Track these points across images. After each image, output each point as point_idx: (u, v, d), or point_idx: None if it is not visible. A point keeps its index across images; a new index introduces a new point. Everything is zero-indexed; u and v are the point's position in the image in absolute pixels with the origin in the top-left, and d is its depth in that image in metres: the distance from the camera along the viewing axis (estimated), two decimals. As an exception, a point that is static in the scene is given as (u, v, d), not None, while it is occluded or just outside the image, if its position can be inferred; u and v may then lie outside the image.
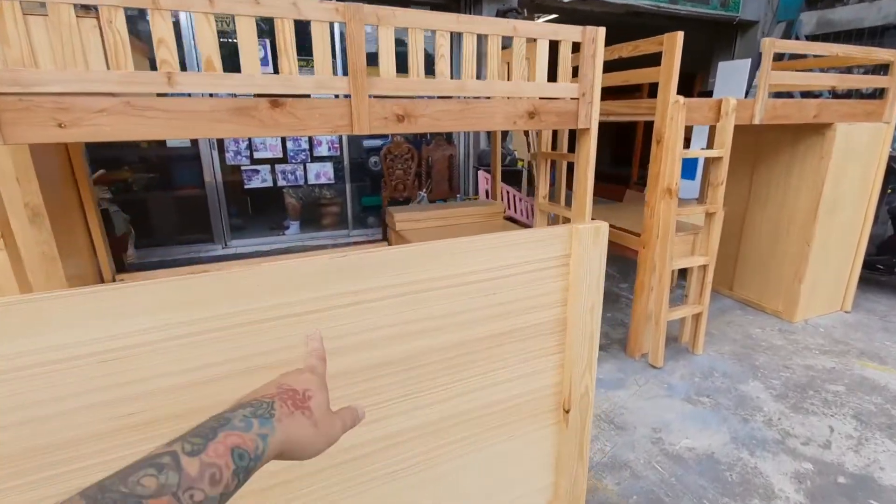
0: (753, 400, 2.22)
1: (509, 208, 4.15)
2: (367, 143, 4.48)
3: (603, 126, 2.17)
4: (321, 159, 4.25)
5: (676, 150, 2.21)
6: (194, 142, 3.77)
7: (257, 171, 4.07)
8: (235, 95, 1.49)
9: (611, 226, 2.70)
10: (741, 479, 1.77)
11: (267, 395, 0.41)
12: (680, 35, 2.10)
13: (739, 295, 3.32)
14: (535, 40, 1.87)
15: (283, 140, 4.05)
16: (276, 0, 1.43)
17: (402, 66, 1.66)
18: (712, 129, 2.37)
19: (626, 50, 2.42)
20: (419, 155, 4.21)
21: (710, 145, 2.37)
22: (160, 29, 1.33)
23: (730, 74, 5.09)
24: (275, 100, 1.51)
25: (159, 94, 1.42)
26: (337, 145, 4.25)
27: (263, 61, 3.62)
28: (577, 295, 1.13)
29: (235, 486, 0.34)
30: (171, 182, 3.99)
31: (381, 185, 4.24)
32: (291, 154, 4.12)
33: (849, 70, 4.17)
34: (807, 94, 4.04)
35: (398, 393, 1.04)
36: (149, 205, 3.95)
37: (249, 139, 3.92)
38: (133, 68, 1.33)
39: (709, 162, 2.43)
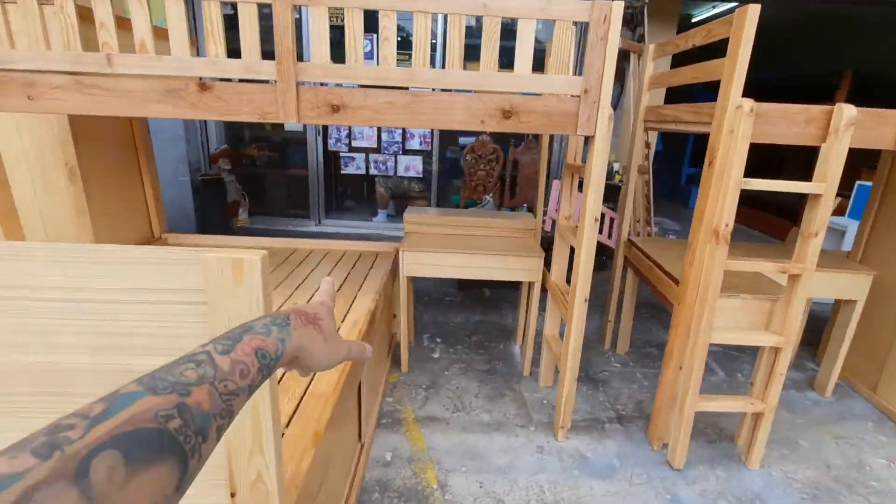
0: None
1: (601, 232, 3.56)
2: (462, 141, 4.35)
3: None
4: (412, 152, 4.29)
5: (732, 177, 1.54)
6: (305, 127, 4.19)
7: (353, 159, 4.32)
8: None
9: (654, 263, 2.08)
10: None
11: (282, 312, 0.47)
12: (754, 9, 1.44)
13: (883, 402, 2.22)
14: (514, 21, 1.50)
15: (379, 131, 4.20)
16: (204, -19, 1.43)
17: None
18: (815, 152, 1.58)
19: (699, 36, 1.78)
20: (505, 156, 3.89)
21: (808, 176, 1.59)
22: (101, 13, 1.46)
23: None
24: (203, 82, 1.53)
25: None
26: (428, 140, 4.22)
27: (368, 55, 3.77)
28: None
29: (260, 379, 0.39)
30: (285, 162, 4.53)
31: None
32: (385, 145, 4.26)
33: None
34: None
35: None
36: (265, 179, 4.56)
37: (349, 128, 4.18)
38: (81, 50, 1.49)
39: (806, 201, 1.62)
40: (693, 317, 1.72)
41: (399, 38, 1.55)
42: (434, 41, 4.00)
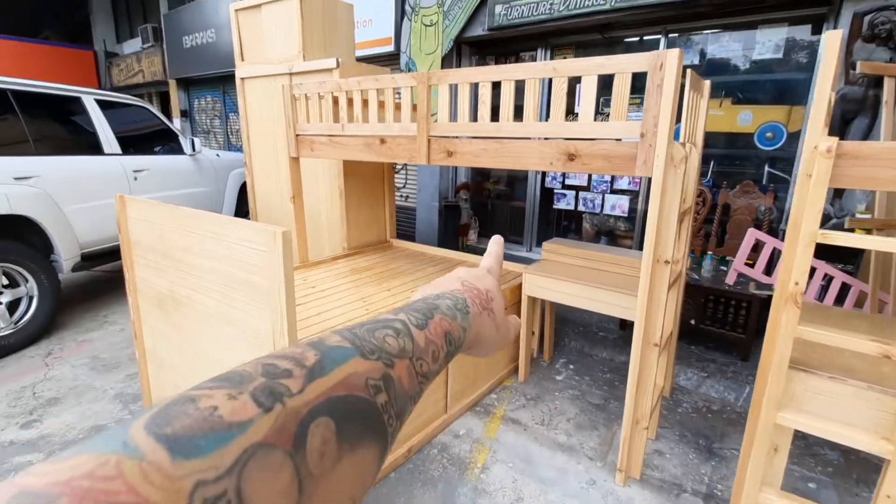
0: None
1: (821, 298, 2.82)
2: (679, 181, 4.09)
3: None
4: (620, 192, 4.32)
5: (806, 231, 1.32)
6: (529, 166, 4.84)
7: (565, 195, 4.68)
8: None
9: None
10: None
11: (456, 290, 0.42)
12: (836, 35, 1.24)
13: None
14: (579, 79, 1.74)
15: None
16: (385, 80, 2.27)
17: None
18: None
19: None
20: (714, 200, 3.50)
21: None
22: (341, 101, 2.49)
23: None
24: (382, 138, 2.38)
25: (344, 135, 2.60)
26: (637, 181, 4.17)
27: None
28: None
29: (439, 368, 0.34)
30: (512, 195, 5.27)
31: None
32: (595, 184, 4.45)
33: None
34: None
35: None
36: (495, 209, 5.41)
37: (565, 167, 4.58)
38: (331, 122, 2.57)
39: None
40: (762, 393, 1.47)
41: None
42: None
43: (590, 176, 4.48)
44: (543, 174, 4.78)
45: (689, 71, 1.90)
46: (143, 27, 9.42)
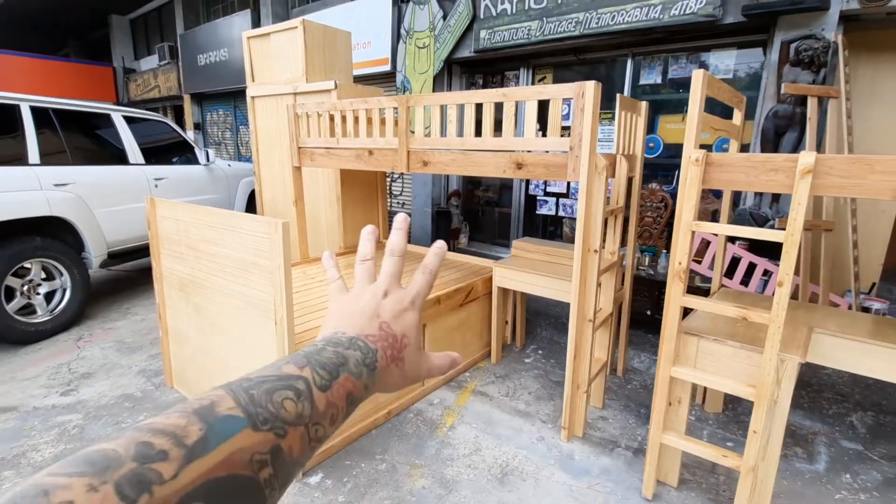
0: None
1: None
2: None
3: None
4: (595, 198, 4.70)
5: (685, 221, 1.71)
6: (514, 175, 5.24)
7: (546, 201, 5.08)
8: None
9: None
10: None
11: (370, 336, 0.40)
12: (699, 74, 1.63)
13: None
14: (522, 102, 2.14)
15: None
16: (372, 102, 2.69)
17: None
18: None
19: None
20: (674, 204, 3.87)
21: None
22: (335, 119, 2.92)
23: None
24: (370, 150, 2.80)
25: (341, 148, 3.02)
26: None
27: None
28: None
29: (333, 431, 0.34)
30: (499, 202, 5.67)
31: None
32: (573, 191, 4.84)
33: None
34: None
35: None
36: (483, 214, 5.82)
37: (546, 176, 4.98)
38: (328, 136, 2.99)
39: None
40: (662, 351, 1.84)
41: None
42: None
43: (568, 184, 4.87)
44: (527, 183, 5.18)
45: (618, 95, 2.31)
46: (161, 46, 10.02)
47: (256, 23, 7.54)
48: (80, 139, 3.86)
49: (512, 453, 2.20)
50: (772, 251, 3.29)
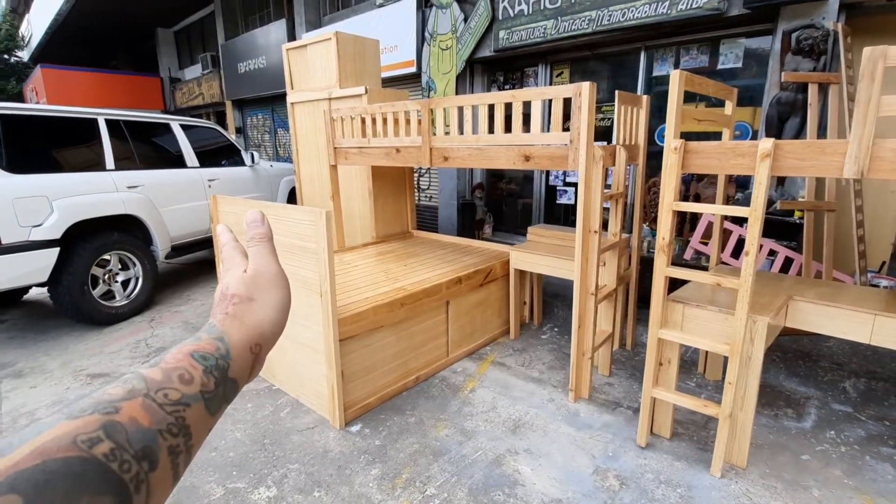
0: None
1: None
2: (664, 176, 4.64)
3: None
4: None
5: (666, 202, 1.96)
6: (535, 167, 5.49)
7: (566, 191, 5.31)
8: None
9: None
10: None
11: (215, 315, 0.41)
12: (677, 74, 1.88)
13: None
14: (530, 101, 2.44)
15: (586, 169, 5.04)
16: (398, 105, 3.03)
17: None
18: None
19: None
20: (686, 191, 4.04)
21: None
22: (367, 122, 3.28)
23: None
24: (398, 148, 3.14)
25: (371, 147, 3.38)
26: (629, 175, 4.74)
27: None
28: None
29: (214, 384, 0.33)
30: (522, 193, 5.93)
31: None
32: (591, 180, 5.05)
33: None
34: None
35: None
36: (506, 205, 6.09)
37: (565, 167, 5.21)
38: (360, 136, 3.36)
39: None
40: (651, 316, 2.11)
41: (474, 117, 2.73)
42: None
43: (586, 174, 5.08)
44: (547, 174, 5.42)
45: (617, 92, 2.56)
46: (203, 56, 10.72)
47: (291, 31, 8.03)
48: (146, 146, 4.39)
49: (524, 411, 2.52)
50: (778, 232, 3.45)
